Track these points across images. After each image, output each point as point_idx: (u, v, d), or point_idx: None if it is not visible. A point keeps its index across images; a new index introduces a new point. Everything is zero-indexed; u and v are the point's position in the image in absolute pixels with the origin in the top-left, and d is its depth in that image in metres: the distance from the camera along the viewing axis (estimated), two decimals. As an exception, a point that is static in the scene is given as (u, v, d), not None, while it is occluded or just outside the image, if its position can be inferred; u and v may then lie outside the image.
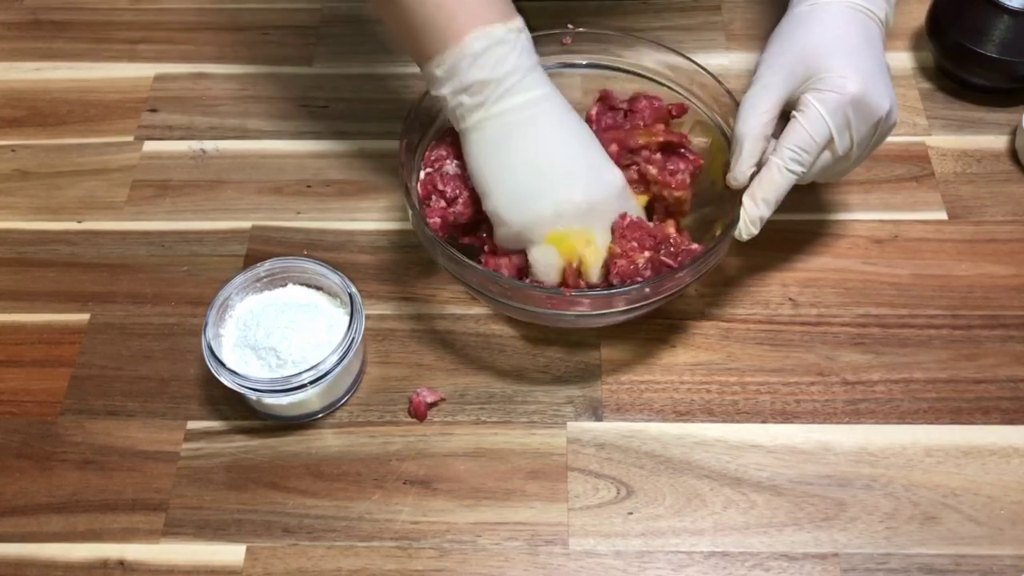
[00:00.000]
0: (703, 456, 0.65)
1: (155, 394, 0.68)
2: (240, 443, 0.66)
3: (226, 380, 0.63)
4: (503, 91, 0.61)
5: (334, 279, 0.67)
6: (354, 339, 0.64)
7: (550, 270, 0.64)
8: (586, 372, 0.69)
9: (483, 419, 0.67)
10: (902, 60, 0.86)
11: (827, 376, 0.68)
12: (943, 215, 0.76)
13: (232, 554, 0.62)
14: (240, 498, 0.64)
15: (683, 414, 0.67)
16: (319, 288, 0.69)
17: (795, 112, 0.63)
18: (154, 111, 0.85)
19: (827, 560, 0.61)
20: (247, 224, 0.77)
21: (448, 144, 0.67)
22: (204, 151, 0.82)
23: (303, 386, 0.63)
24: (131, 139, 0.83)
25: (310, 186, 0.80)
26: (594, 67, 0.73)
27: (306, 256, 0.70)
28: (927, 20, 0.85)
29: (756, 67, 0.65)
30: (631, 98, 0.71)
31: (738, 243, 0.64)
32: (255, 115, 0.85)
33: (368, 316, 0.70)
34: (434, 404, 0.67)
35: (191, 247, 0.76)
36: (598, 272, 0.64)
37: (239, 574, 0.61)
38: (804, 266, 0.74)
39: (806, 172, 0.63)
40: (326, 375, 0.63)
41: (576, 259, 0.63)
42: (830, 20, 0.65)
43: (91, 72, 0.88)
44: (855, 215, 0.76)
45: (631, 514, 0.63)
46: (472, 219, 0.66)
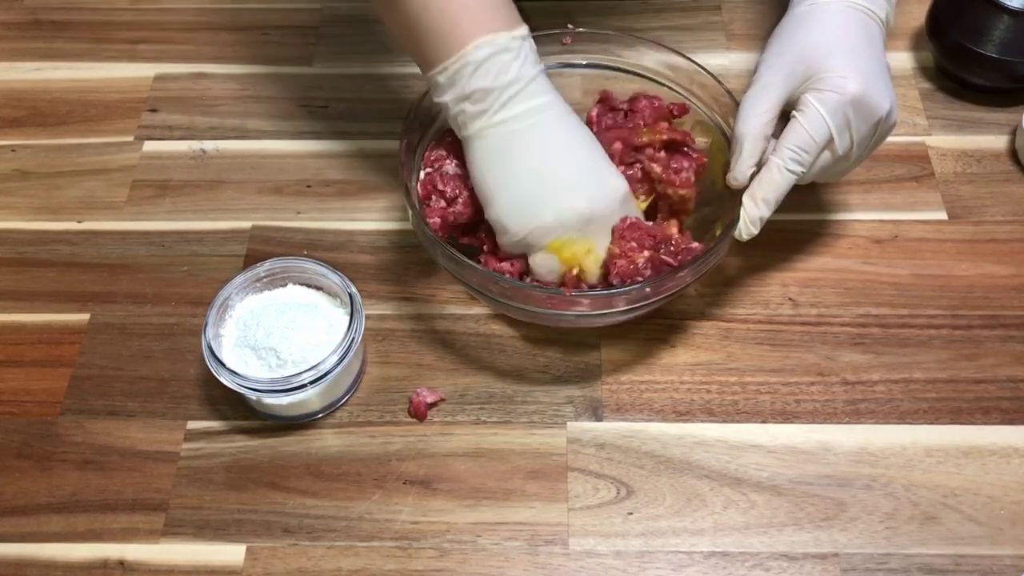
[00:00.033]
0: (703, 456, 0.65)
1: (155, 394, 0.68)
2: (240, 443, 0.66)
3: (226, 380, 0.63)
4: (506, 99, 0.61)
5: (334, 279, 0.67)
6: (354, 339, 0.64)
7: (550, 275, 0.64)
8: (586, 372, 0.69)
9: (483, 419, 0.67)
10: (902, 60, 0.86)
11: (827, 376, 0.68)
12: (943, 215, 0.76)
13: (232, 554, 0.62)
14: (240, 498, 0.64)
15: (683, 414, 0.67)
16: (319, 288, 0.69)
17: (795, 112, 0.63)
18: (154, 111, 0.85)
19: (827, 560, 0.61)
20: (247, 224, 0.77)
21: (448, 144, 0.67)
22: (204, 151, 0.82)
23: (303, 386, 0.63)
24: (131, 139, 0.83)
25: (310, 186, 0.80)
26: (594, 67, 0.73)
27: (306, 256, 0.70)
28: (927, 20, 0.85)
29: (756, 67, 0.65)
30: (631, 98, 0.71)
31: (738, 243, 0.64)
32: (255, 115, 0.85)
33: (368, 316, 0.70)
34: (434, 404, 0.67)
35: (191, 247, 0.76)
36: (597, 276, 0.64)
37: (239, 574, 0.61)
38: (804, 266, 0.74)
39: (806, 172, 0.63)
40: (326, 375, 0.63)
41: (576, 266, 0.63)
42: (830, 20, 0.65)
43: (91, 72, 0.88)
44: (855, 215, 0.76)
45: (631, 514, 0.63)
46: (472, 219, 0.66)
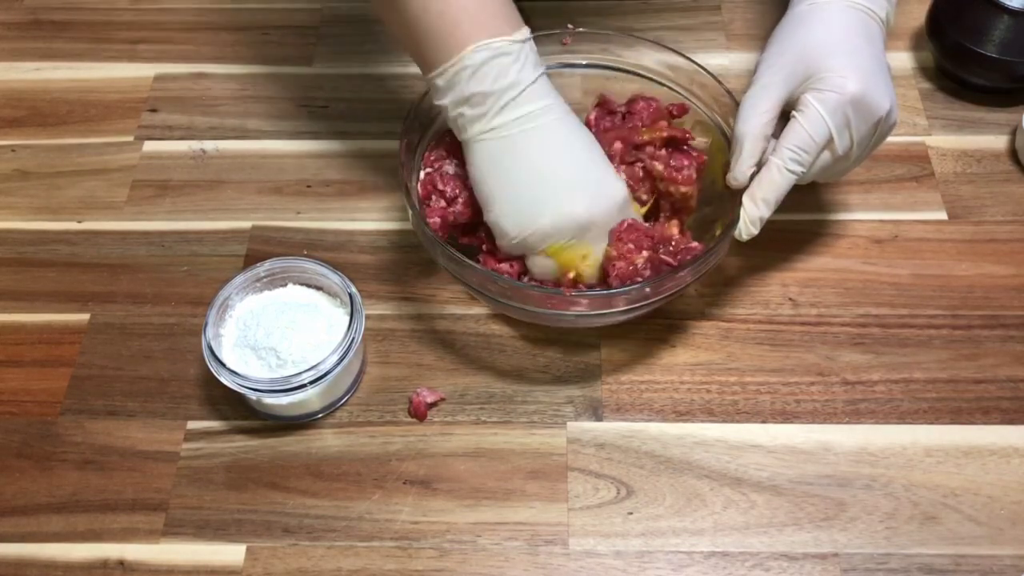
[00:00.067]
0: (703, 456, 0.65)
1: (155, 394, 0.68)
2: (240, 443, 0.66)
3: (226, 380, 0.63)
4: (504, 103, 0.61)
5: (334, 279, 0.67)
6: (354, 339, 0.64)
7: (548, 277, 0.64)
8: (586, 372, 0.69)
9: (483, 419, 0.67)
10: (902, 60, 0.86)
11: (827, 376, 0.68)
12: (943, 215, 0.76)
13: (232, 554, 0.62)
14: (240, 498, 0.64)
15: (683, 414, 0.67)
16: (319, 288, 0.69)
17: (795, 112, 0.63)
18: (154, 111, 0.85)
19: (827, 560, 0.61)
20: (247, 224, 0.77)
21: (448, 144, 0.67)
22: (204, 151, 0.82)
23: (303, 386, 0.63)
24: (131, 139, 0.83)
25: (310, 186, 0.80)
26: (594, 67, 0.73)
27: (306, 256, 0.70)
28: (927, 20, 0.85)
29: (756, 67, 0.65)
30: (629, 101, 0.71)
31: (738, 243, 0.64)
32: (255, 115, 0.85)
33: (368, 316, 0.70)
34: (434, 404, 0.67)
35: (191, 247, 0.76)
36: (594, 279, 0.64)
37: (239, 574, 0.61)
38: (804, 266, 0.74)
39: (806, 172, 0.63)
40: (326, 375, 0.63)
41: (573, 270, 0.63)
42: (830, 19, 0.65)
43: (91, 72, 0.88)
44: (855, 215, 0.76)
45: (631, 514, 0.63)
46: (472, 219, 0.66)
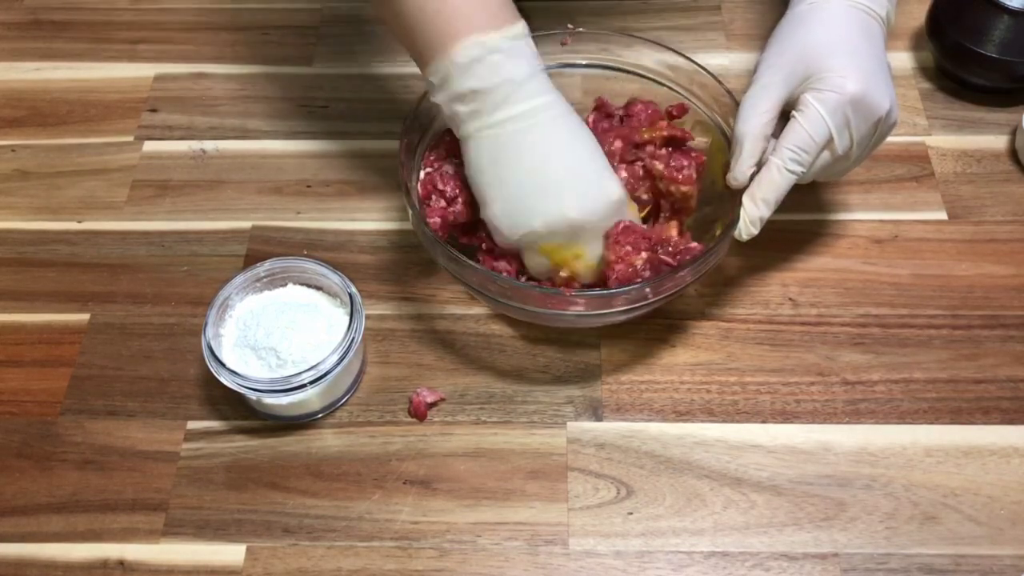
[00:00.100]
0: (703, 456, 0.65)
1: (155, 394, 0.68)
2: (240, 443, 0.66)
3: (226, 380, 0.63)
4: (499, 101, 0.60)
5: (334, 279, 0.67)
6: (354, 339, 0.64)
7: (543, 274, 0.65)
8: (586, 372, 0.69)
9: (483, 419, 0.67)
10: (902, 60, 0.86)
11: (827, 376, 0.68)
12: (943, 215, 0.76)
13: (232, 554, 0.62)
14: (240, 498, 0.64)
15: (683, 414, 0.67)
16: (319, 288, 0.69)
17: (795, 112, 0.63)
18: (154, 111, 0.85)
19: (827, 560, 0.61)
20: (247, 224, 0.77)
21: (448, 144, 0.67)
22: (204, 151, 0.82)
23: (303, 386, 0.63)
24: (131, 139, 0.83)
25: (310, 186, 0.80)
26: (594, 67, 0.73)
27: (306, 256, 0.70)
28: (927, 20, 0.85)
29: (756, 67, 0.65)
30: (626, 104, 0.71)
31: (738, 243, 0.63)
32: (255, 115, 0.85)
33: (368, 316, 0.70)
34: (434, 404, 0.67)
35: (191, 247, 0.76)
36: (591, 279, 0.64)
37: (239, 574, 0.61)
38: (804, 266, 0.74)
39: (806, 172, 0.63)
40: (326, 375, 0.63)
41: (566, 270, 0.63)
42: (830, 19, 0.65)
43: (91, 72, 0.88)
44: (855, 215, 0.76)
45: (631, 514, 0.63)
46: (472, 219, 0.66)
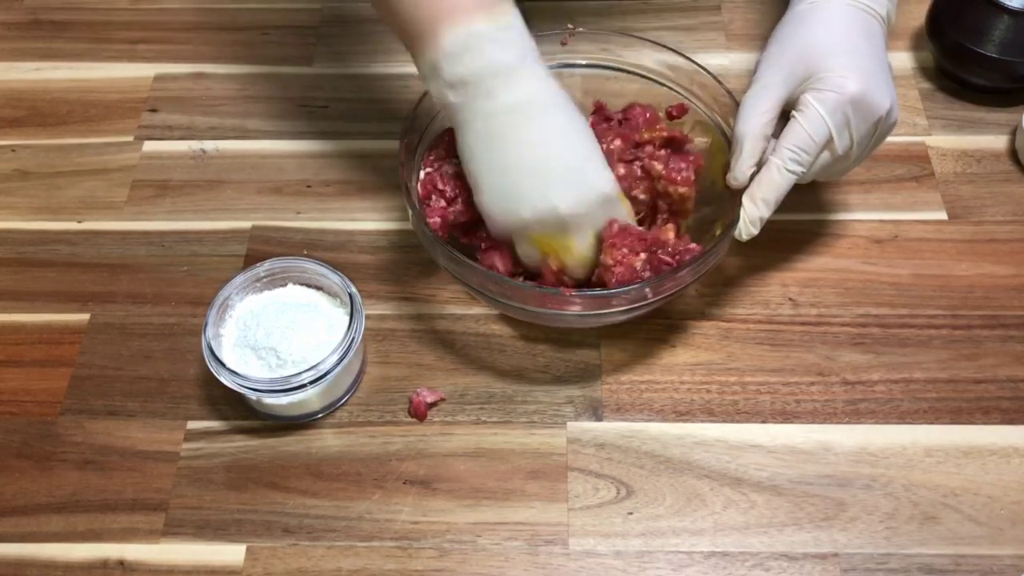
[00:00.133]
0: (703, 456, 0.65)
1: (155, 394, 0.68)
2: (240, 443, 0.66)
3: (226, 380, 0.63)
4: (488, 88, 0.59)
5: (334, 279, 0.67)
6: (354, 339, 0.64)
7: (533, 265, 0.64)
8: (586, 372, 0.69)
9: (483, 419, 0.67)
10: (902, 60, 0.86)
11: (827, 376, 0.68)
12: (943, 215, 0.76)
13: (232, 554, 0.62)
14: (240, 498, 0.64)
15: (683, 414, 0.67)
16: (319, 288, 0.69)
17: (795, 112, 0.63)
18: (154, 111, 0.85)
19: (827, 560, 0.61)
20: (247, 224, 0.77)
21: (448, 144, 0.67)
22: (204, 151, 0.82)
23: (303, 386, 0.63)
24: (131, 139, 0.83)
25: (310, 186, 0.80)
26: (594, 67, 0.73)
27: (306, 256, 0.70)
28: (927, 20, 0.85)
29: (756, 67, 0.65)
30: (625, 108, 0.71)
31: (738, 243, 0.64)
32: (255, 115, 0.85)
33: (368, 316, 0.70)
34: (434, 404, 0.67)
35: (191, 247, 0.76)
36: (582, 273, 0.64)
37: (239, 574, 0.61)
38: (804, 266, 0.74)
39: (806, 172, 0.63)
40: (326, 375, 0.63)
41: (556, 262, 0.63)
42: (830, 19, 0.65)
43: (91, 72, 0.88)
44: (855, 215, 0.76)
45: (631, 514, 0.63)
46: (472, 219, 0.66)
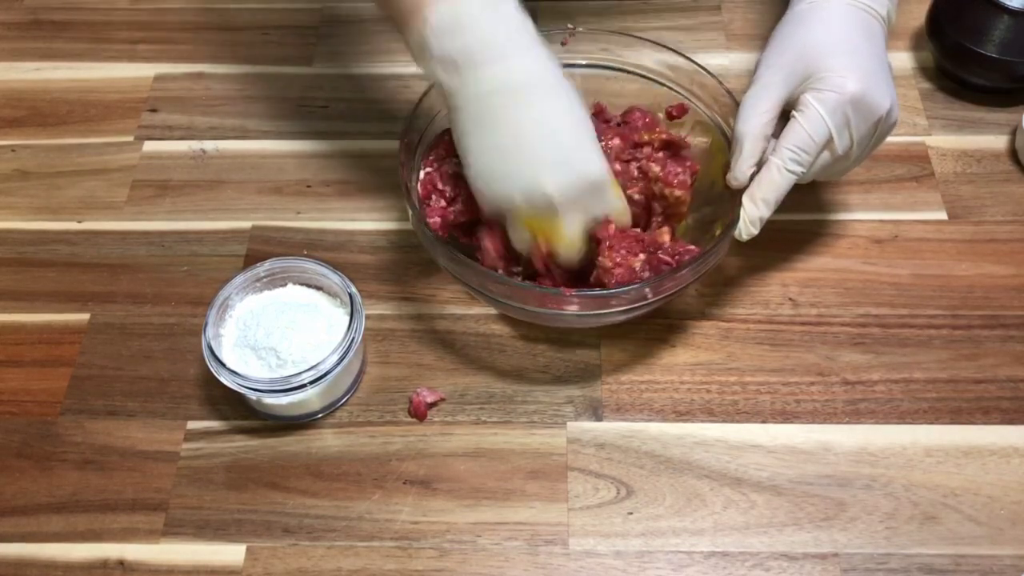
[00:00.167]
0: (703, 456, 0.65)
1: (155, 394, 0.68)
2: (240, 443, 0.66)
3: (226, 380, 0.63)
4: (478, 67, 0.58)
5: (334, 279, 0.67)
6: (354, 339, 0.64)
7: (523, 248, 0.63)
8: (586, 372, 0.69)
9: (483, 419, 0.67)
10: (902, 60, 0.86)
11: (827, 376, 0.68)
12: (943, 215, 0.76)
13: (232, 554, 0.62)
14: (240, 498, 0.64)
15: (683, 414, 0.67)
16: (319, 288, 0.69)
17: (794, 112, 0.63)
18: (154, 111, 0.85)
19: (827, 560, 0.61)
20: (247, 224, 0.77)
21: (448, 144, 0.67)
22: (204, 151, 0.82)
23: (303, 386, 0.63)
24: (131, 139, 0.83)
25: (310, 186, 0.80)
26: (594, 67, 0.73)
27: (306, 256, 0.70)
28: (927, 20, 0.85)
29: (756, 67, 0.65)
30: (624, 111, 0.71)
31: (738, 243, 0.64)
32: (255, 115, 0.85)
33: (368, 316, 0.70)
34: (434, 404, 0.67)
35: (191, 247, 0.76)
36: (572, 259, 0.63)
37: (239, 574, 0.61)
38: (804, 266, 0.74)
39: (806, 172, 0.63)
40: (326, 375, 0.63)
41: (545, 244, 0.62)
42: (831, 18, 0.65)
43: (91, 72, 0.88)
44: (855, 215, 0.76)
45: (631, 514, 0.63)
46: (472, 219, 0.66)
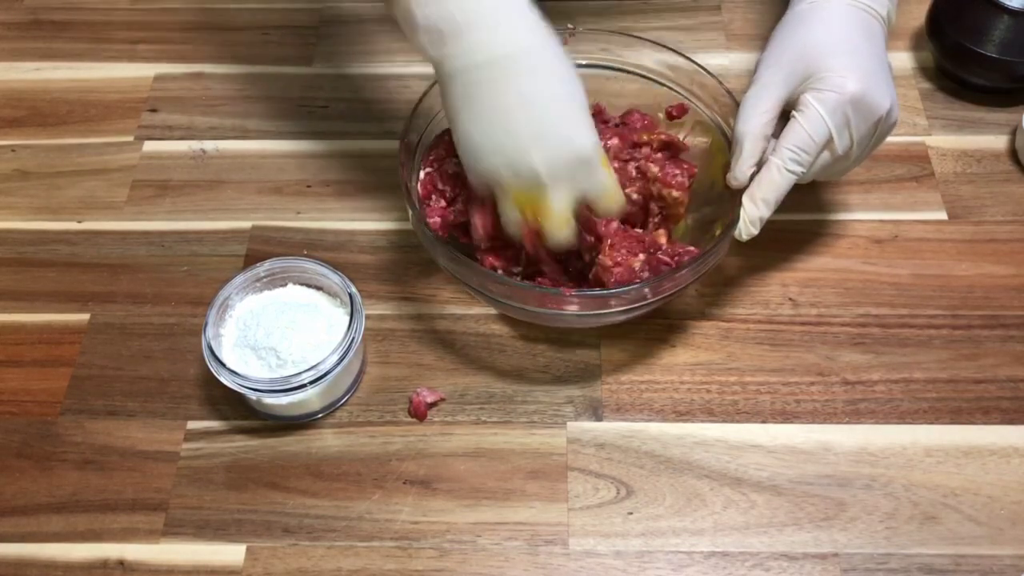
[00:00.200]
0: (703, 456, 0.65)
1: (155, 394, 0.68)
2: (240, 443, 0.66)
3: (226, 380, 0.63)
4: (464, 37, 0.58)
5: (334, 279, 0.67)
6: (354, 339, 0.64)
7: (512, 226, 0.62)
8: (586, 372, 0.69)
9: (483, 419, 0.67)
10: (902, 60, 0.86)
11: (827, 376, 0.68)
12: (943, 215, 0.76)
13: (232, 554, 0.62)
14: (240, 498, 0.64)
15: (683, 414, 0.67)
16: (319, 288, 0.69)
17: (795, 112, 0.63)
18: (154, 111, 0.85)
19: (827, 560, 0.61)
20: (247, 224, 0.77)
21: (448, 144, 0.67)
22: (204, 151, 0.82)
23: (303, 386, 0.63)
24: (131, 139, 0.83)
25: (310, 186, 0.80)
26: (594, 67, 0.73)
27: (306, 256, 0.70)
28: (927, 20, 0.85)
29: (756, 67, 0.65)
30: (624, 113, 0.71)
31: (738, 243, 0.64)
32: (255, 115, 0.85)
33: (368, 316, 0.70)
34: (434, 404, 0.67)
35: (191, 247, 0.76)
36: (561, 238, 0.61)
37: (239, 574, 0.61)
38: (804, 266, 0.74)
39: (806, 172, 0.63)
40: (326, 375, 0.63)
41: (533, 220, 0.61)
42: (830, 19, 0.65)
43: (91, 72, 0.88)
44: (855, 215, 0.76)
45: (631, 514, 0.63)
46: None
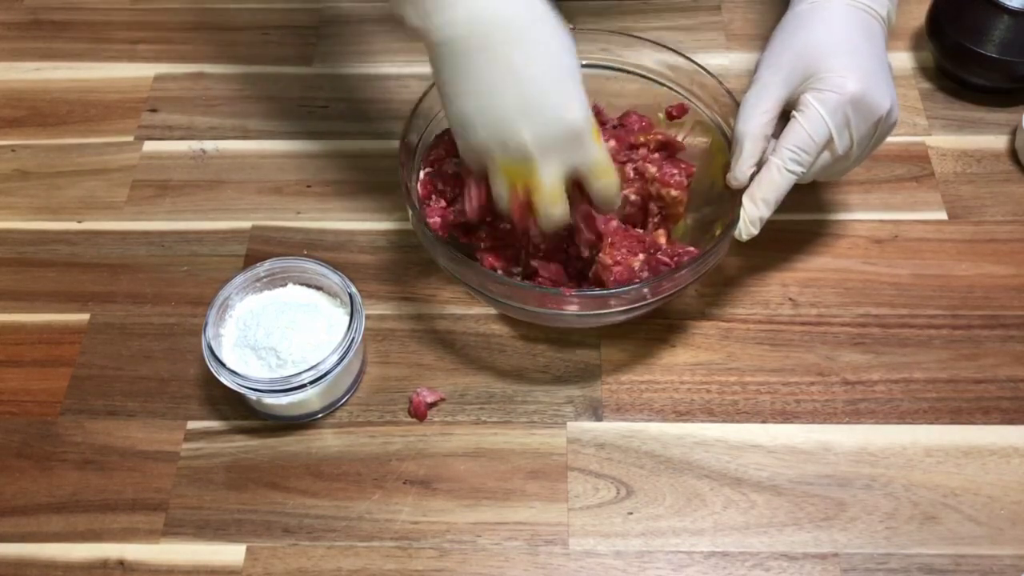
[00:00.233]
0: (703, 456, 0.65)
1: (155, 394, 0.68)
2: (240, 443, 0.66)
3: (226, 380, 0.63)
4: (454, 2, 0.57)
5: (334, 279, 0.67)
6: (354, 339, 0.64)
7: (502, 201, 0.61)
8: (586, 372, 0.69)
9: (483, 419, 0.67)
10: (902, 60, 0.86)
11: (827, 376, 0.68)
12: (943, 215, 0.76)
13: (232, 554, 0.62)
14: (240, 498, 0.64)
15: (683, 414, 0.67)
16: (319, 288, 0.69)
17: (795, 112, 0.63)
18: (154, 111, 0.85)
19: (827, 560, 0.61)
20: (247, 224, 0.77)
21: (448, 144, 0.67)
22: (204, 151, 0.82)
23: (303, 386, 0.63)
24: (131, 139, 0.83)
25: (310, 186, 0.80)
26: (594, 67, 0.73)
27: (306, 256, 0.70)
28: (927, 20, 0.85)
29: (756, 67, 0.65)
30: (622, 115, 0.71)
31: (738, 243, 0.64)
32: (255, 115, 0.85)
33: (368, 316, 0.70)
34: (434, 404, 0.67)
35: (191, 247, 0.76)
36: (552, 216, 0.60)
37: (239, 574, 0.61)
38: (804, 266, 0.74)
39: (806, 172, 0.63)
40: (326, 375, 0.63)
41: (523, 192, 0.60)
42: (831, 19, 0.65)
43: (91, 72, 0.88)
44: (855, 215, 0.76)
45: (631, 514, 0.63)
46: (472, 219, 0.66)
